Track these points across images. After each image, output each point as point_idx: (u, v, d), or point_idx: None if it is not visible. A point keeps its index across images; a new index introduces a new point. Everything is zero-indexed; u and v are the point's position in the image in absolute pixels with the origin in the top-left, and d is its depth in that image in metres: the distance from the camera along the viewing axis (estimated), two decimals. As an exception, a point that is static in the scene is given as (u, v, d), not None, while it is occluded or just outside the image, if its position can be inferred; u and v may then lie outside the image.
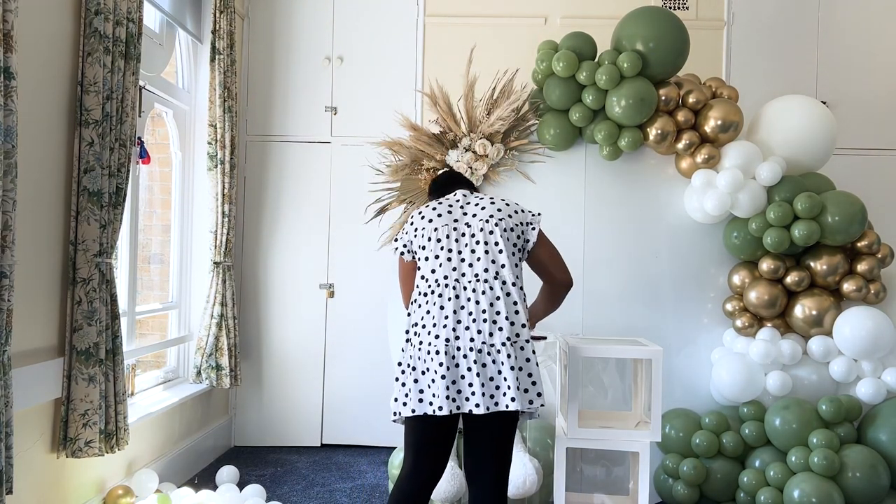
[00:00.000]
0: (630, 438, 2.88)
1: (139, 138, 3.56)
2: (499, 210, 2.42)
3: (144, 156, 3.63)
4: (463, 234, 2.38)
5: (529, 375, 2.31)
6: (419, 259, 2.43)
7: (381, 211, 3.84)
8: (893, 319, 3.37)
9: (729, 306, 3.62)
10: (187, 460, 3.99)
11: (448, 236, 2.38)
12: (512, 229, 2.39)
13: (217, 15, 4.12)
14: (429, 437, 2.35)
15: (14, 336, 2.36)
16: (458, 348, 2.28)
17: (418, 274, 2.43)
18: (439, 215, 2.43)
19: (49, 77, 2.71)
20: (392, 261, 3.94)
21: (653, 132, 3.58)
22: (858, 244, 3.50)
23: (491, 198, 2.47)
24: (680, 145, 3.61)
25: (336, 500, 3.73)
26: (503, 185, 3.78)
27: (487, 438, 2.32)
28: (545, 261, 2.48)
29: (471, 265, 2.34)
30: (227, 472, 3.78)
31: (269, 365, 4.70)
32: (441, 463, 2.38)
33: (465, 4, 4.66)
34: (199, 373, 4.14)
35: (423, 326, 2.34)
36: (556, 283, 2.51)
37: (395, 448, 3.68)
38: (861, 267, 3.48)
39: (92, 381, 2.80)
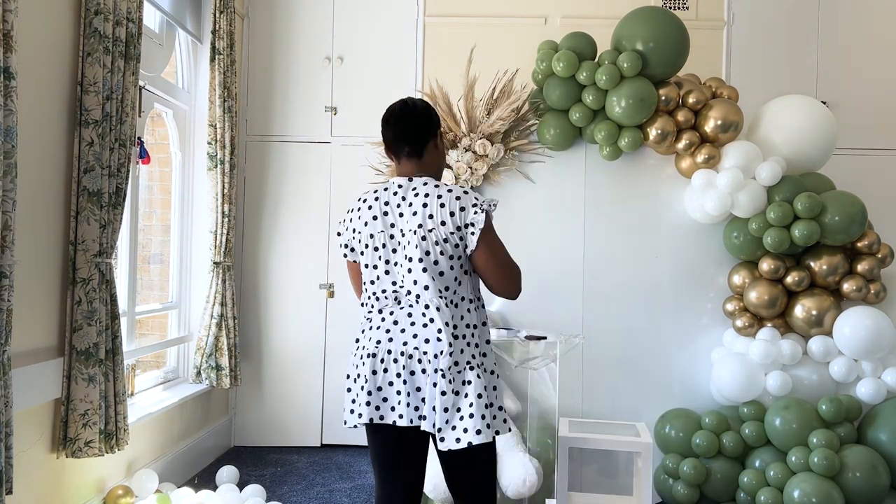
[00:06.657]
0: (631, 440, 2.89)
1: (139, 138, 3.56)
2: (430, 217, 2.10)
3: (144, 156, 3.63)
4: (396, 248, 2.14)
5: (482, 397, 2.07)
6: (361, 264, 2.24)
7: (381, 211, 3.84)
8: (893, 319, 3.37)
9: (729, 306, 3.62)
10: (187, 460, 3.99)
11: (385, 245, 2.16)
12: (446, 239, 2.09)
13: (217, 15, 4.12)
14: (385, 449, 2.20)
15: (14, 336, 2.36)
16: (389, 351, 2.12)
17: (363, 277, 2.25)
18: (374, 217, 2.18)
19: (49, 77, 2.70)
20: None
21: (653, 132, 3.58)
22: (858, 244, 3.50)
23: (426, 193, 2.13)
24: (680, 145, 3.61)
25: (336, 500, 3.73)
26: (503, 185, 3.78)
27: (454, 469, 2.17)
28: (481, 268, 2.15)
29: (405, 280, 2.13)
30: (227, 472, 3.78)
31: (269, 365, 4.70)
32: (409, 482, 2.18)
33: (465, 4, 4.66)
34: (198, 373, 4.14)
35: (363, 332, 2.22)
36: (497, 294, 2.20)
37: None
38: (861, 267, 3.48)
39: (92, 381, 2.80)
